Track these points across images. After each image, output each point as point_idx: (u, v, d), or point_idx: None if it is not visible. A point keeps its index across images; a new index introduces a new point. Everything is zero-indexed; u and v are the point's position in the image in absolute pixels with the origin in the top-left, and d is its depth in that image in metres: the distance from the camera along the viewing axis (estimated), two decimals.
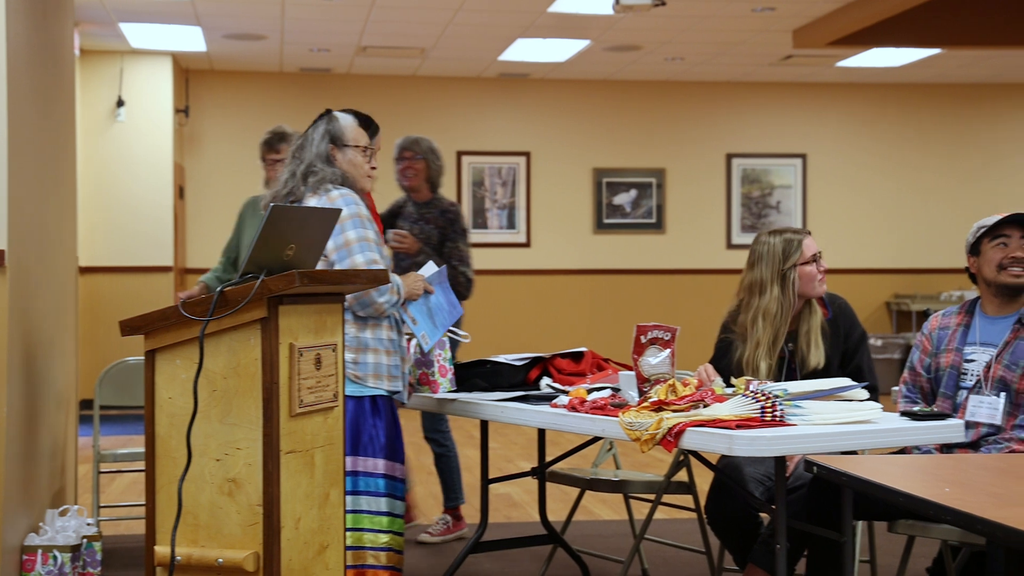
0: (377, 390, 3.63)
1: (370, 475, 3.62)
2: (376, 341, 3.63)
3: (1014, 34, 9.25)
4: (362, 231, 3.61)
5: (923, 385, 3.81)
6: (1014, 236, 3.67)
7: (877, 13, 8.31)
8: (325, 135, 3.74)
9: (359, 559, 3.59)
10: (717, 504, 3.87)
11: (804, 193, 11.78)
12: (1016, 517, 1.92)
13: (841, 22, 8.63)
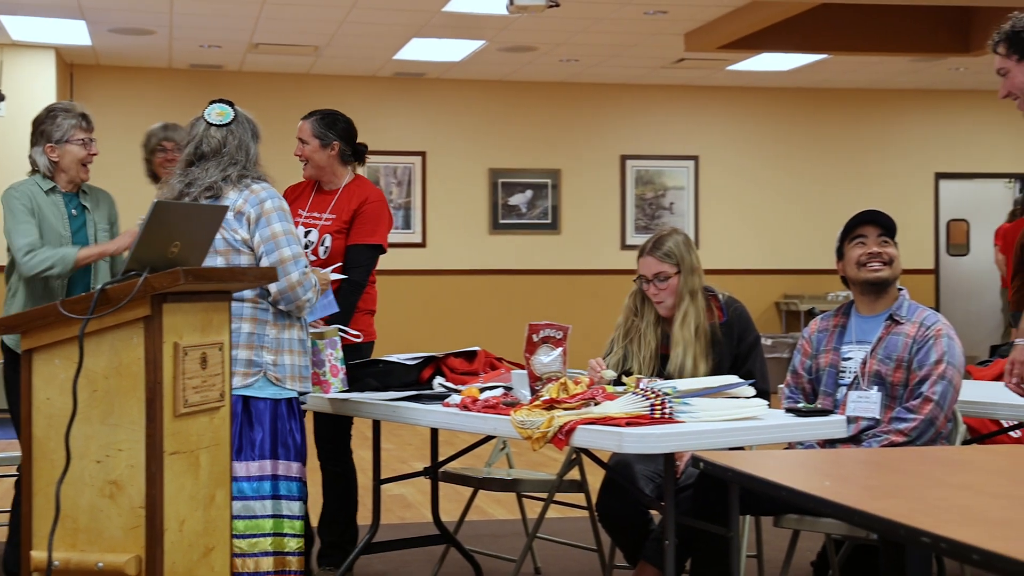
0: (293, 391, 3.60)
1: (289, 479, 3.57)
2: (291, 342, 3.60)
3: (895, 42, 9.50)
4: (288, 224, 3.58)
5: (804, 386, 3.91)
6: (871, 234, 3.82)
7: (765, 18, 8.47)
8: (254, 136, 3.71)
9: (281, 565, 3.53)
10: (608, 502, 3.90)
11: (696, 195, 11.95)
12: (890, 508, 1.97)
13: (731, 27, 8.78)
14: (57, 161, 4.14)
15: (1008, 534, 1.81)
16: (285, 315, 3.58)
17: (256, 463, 3.50)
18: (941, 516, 1.97)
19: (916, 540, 1.82)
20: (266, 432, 3.51)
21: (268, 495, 3.51)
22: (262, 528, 3.48)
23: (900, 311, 3.82)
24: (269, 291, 3.52)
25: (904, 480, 2.38)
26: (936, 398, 3.64)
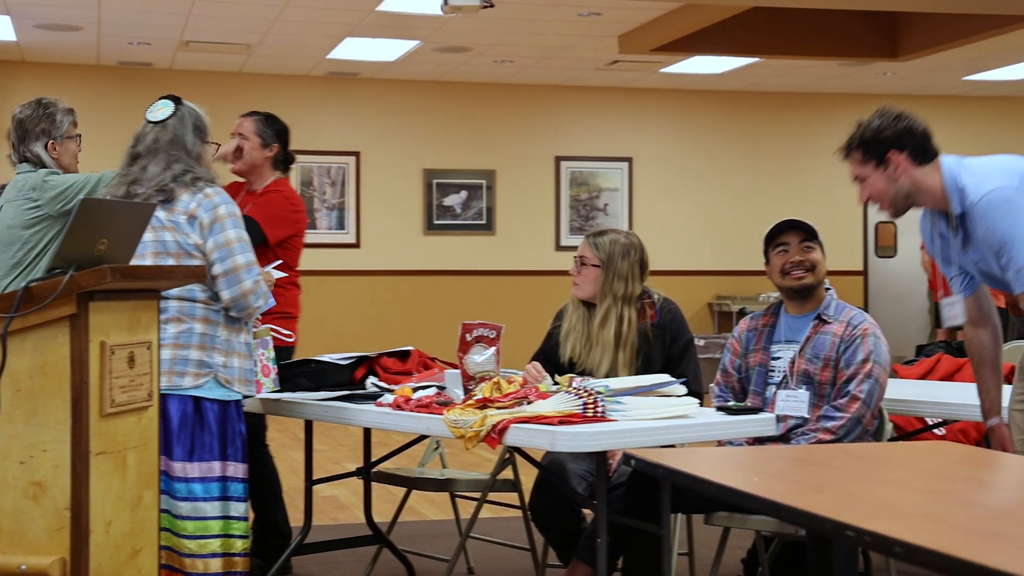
0: (240, 394, 3.57)
1: (236, 480, 3.54)
2: (240, 344, 3.57)
3: (824, 46, 9.63)
4: (241, 231, 3.53)
5: (734, 385, 3.96)
6: (793, 241, 3.87)
7: (698, 21, 8.54)
8: (196, 131, 3.63)
9: (229, 566, 3.49)
10: (541, 501, 3.91)
11: (630, 196, 12.02)
12: (816, 503, 2.00)
13: (664, 29, 8.84)
14: (57, 158, 4.17)
15: (929, 527, 1.85)
16: (235, 318, 3.55)
17: (207, 464, 3.47)
18: (866, 510, 2.01)
19: (841, 534, 1.84)
20: (215, 434, 3.48)
21: (217, 496, 3.48)
22: (211, 529, 3.46)
23: (828, 311, 3.87)
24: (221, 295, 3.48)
25: (830, 476, 2.42)
26: (863, 397, 3.70)
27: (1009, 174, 3.18)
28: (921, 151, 3.27)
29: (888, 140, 3.28)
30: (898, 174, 3.28)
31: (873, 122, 3.33)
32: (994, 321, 3.45)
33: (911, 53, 9.62)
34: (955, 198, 3.23)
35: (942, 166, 3.27)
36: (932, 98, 12.54)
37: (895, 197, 3.31)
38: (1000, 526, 1.87)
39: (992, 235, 3.14)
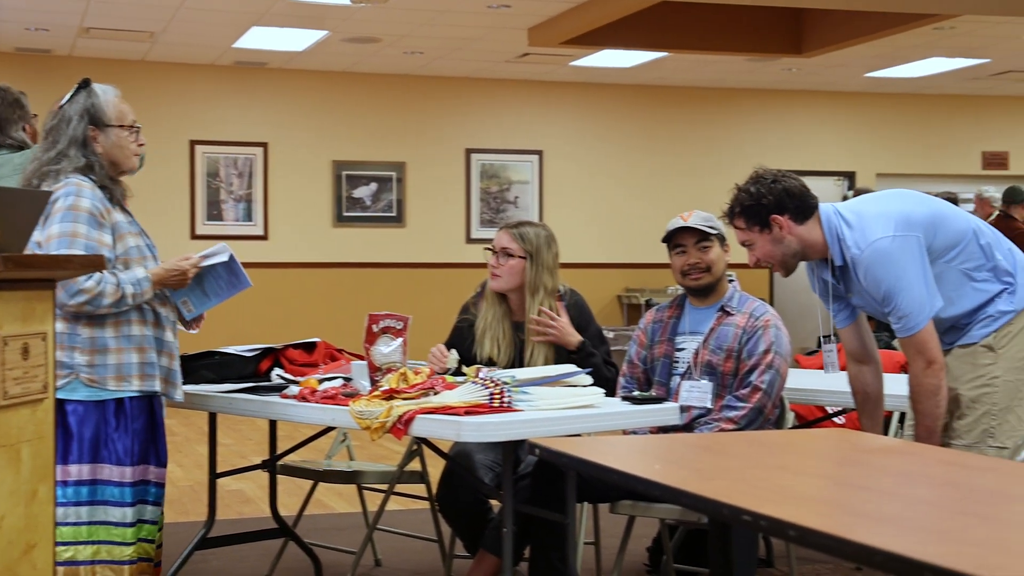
0: (123, 392, 3.40)
1: (113, 484, 3.39)
2: (119, 340, 3.39)
3: (731, 41, 9.77)
4: (70, 225, 3.32)
5: (639, 376, 4.00)
6: (689, 242, 3.93)
7: (607, 15, 8.60)
8: (84, 116, 3.44)
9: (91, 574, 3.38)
10: (448, 492, 3.91)
11: (541, 189, 12.07)
12: (715, 489, 2.02)
13: (574, 22, 8.88)
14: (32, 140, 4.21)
15: (823, 511, 1.89)
16: (104, 315, 3.37)
17: (63, 468, 3.32)
18: (762, 496, 2.04)
19: (738, 518, 1.87)
20: (76, 436, 3.35)
21: (85, 500, 3.37)
22: (64, 536, 3.32)
23: (731, 303, 3.93)
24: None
25: (730, 463, 2.45)
26: (764, 387, 3.76)
27: (886, 221, 3.27)
28: (801, 210, 3.37)
29: (769, 205, 3.36)
30: (783, 235, 3.37)
31: (751, 188, 3.41)
32: (876, 358, 3.58)
33: (815, 49, 9.79)
34: (836, 250, 3.35)
35: (822, 218, 3.37)
36: (835, 94, 12.79)
37: (784, 257, 3.41)
38: (890, 509, 1.92)
39: (875, 287, 3.27)
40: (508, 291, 3.94)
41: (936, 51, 10.57)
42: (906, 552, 1.50)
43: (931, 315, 3.26)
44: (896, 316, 3.27)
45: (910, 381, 3.33)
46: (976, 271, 3.35)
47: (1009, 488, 2.04)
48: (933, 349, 3.27)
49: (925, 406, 3.30)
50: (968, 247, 3.34)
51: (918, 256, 3.25)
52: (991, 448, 3.34)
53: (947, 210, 3.40)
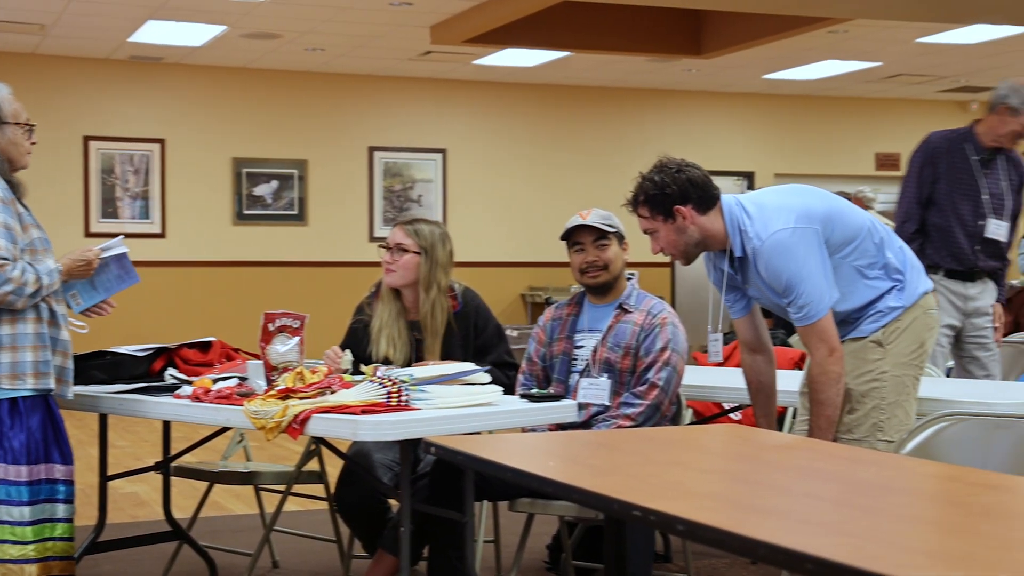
0: (17, 391, 3.35)
1: (8, 482, 3.34)
2: (15, 338, 3.35)
3: (631, 42, 9.86)
4: None
5: (538, 374, 4.01)
6: (586, 240, 3.95)
7: (510, 14, 8.62)
8: None
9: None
10: (346, 492, 3.89)
11: (444, 187, 12.05)
12: (607, 485, 2.04)
13: (476, 21, 8.88)
14: None
15: (712, 505, 1.91)
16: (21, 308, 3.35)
17: None
18: (654, 491, 2.06)
19: (629, 514, 1.88)
20: None
21: None
22: None
23: (629, 300, 3.96)
24: None
25: (625, 459, 2.47)
26: (661, 384, 3.79)
27: (787, 214, 3.33)
28: (704, 200, 3.41)
29: (673, 195, 3.40)
30: (686, 225, 3.41)
31: (655, 177, 3.43)
32: (769, 348, 3.65)
33: (714, 51, 9.93)
34: (736, 241, 3.39)
35: (723, 209, 3.42)
36: (734, 95, 12.99)
37: (686, 247, 3.46)
38: (778, 503, 1.95)
39: (775, 277, 3.33)
40: (403, 287, 3.92)
41: (830, 54, 10.79)
42: (788, 544, 1.53)
43: (830, 304, 3.33)
44: (796, 306, 3.32)
45: (812, 370, 3.38)
46: (868, 268, 3.43)
47: (892, 481, 2.09)
48: (834, 337, 3.34)
49: (828, 394, 3.34)
50: (862, 244, 3.42)
51: (817, 248, 3.31)
52: (880, 442, 3.42)
53: (844, 207, 3.47)
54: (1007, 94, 4.72)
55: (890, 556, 1.48)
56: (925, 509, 1.83)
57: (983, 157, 4.78)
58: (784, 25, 8.93)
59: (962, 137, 4.80)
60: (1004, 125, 4.72)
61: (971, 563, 1.44)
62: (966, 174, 4.75)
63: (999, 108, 4.73)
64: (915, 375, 3.51)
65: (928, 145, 4.82)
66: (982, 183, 4.76)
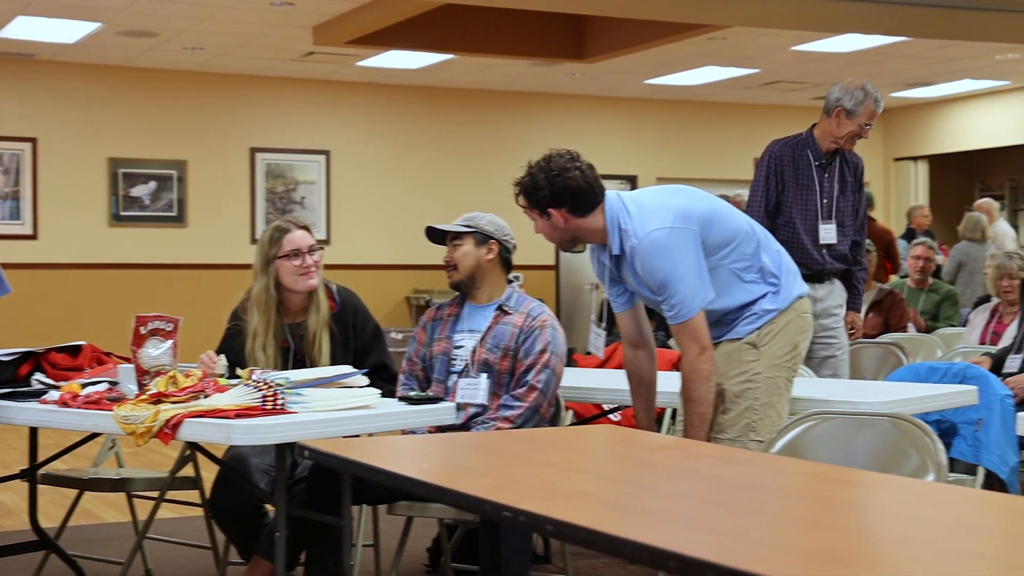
0: None
1: None
2: None
3: (515, 45, 9.90)
4: None
5: (418, 374, 4.00)
6: (447, 240, 4.01)
7: (392, 16, 8.58)
8: None
9: None
10: (221, 497, 3.82)
11: (328, 189, 11.94)
12: (479, 486, 2.04)
13: (359, 22, 8.82)
14: None
15: (582, 505, 1.92)
16: None
17: None
18: (527, 492, 2.06)
19: (499, 515, 1.89)
20: None
21: None
22: None
23: (509, 302, 3.97)
24: None
25: (499, 460, 2.47)
26: (540, 386, 3.81)
27: (665, 213, 3.39)
28: (580, 205, 3.45)
29: (546, 198, 3.45)
30: (560, 223, 3.47)
31: (536, 174, 3.47)
32: (651, 343, 3.70)
33: (596, 55, 10.03)
34: (615, 239, 3.45)
35: (606, 207, 3.46)
36: (617, 99, 13.13)
37: (561, 240, 3.54)
38: (649, 502, 1.97)
39: (651, 275, 3.39)
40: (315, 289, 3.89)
41: (710, 60, 10.98)
42: (654, 542, 1.54)
43: (703, 304, 3.40)
44: (670, 304, 3.39)
45: (684, 368, 3.44)
46: (745, 271, 3.51)
47: (758, 479, 2.13)
48: (705, 336, 3.41)
49: (699, 392, 3.41)
50: (739, 247, 3.49)
51: (693, 248, 3.38)
52: (752, 442, 3.49)
53: (724, 209, 3.54)
54: (841, 96, 4.73)
55: (750, 552, 1.51)
56: (789, 506, 1.87)
57: (822, 162, 4.81)
58: (665, 31, 9.06)
59: (803, 143, 4.82)
60: (841, 128, 4.73)
61: (828, 558, 1.47)
62: (808, 179, 4.79)
63: (835, 111, 4.74)
64: (788, 376, 3.59)
65: (772, 154, 4.83)
66: (821, 188, 4.80)
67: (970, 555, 1.47)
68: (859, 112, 4.72)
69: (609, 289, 3.60)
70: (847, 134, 4.75)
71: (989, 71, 11.90)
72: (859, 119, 4.73)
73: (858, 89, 4.75)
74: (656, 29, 9.07)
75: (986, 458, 4.03)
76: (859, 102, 4.72)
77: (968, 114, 13.54)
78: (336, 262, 11.07)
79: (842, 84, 4.80)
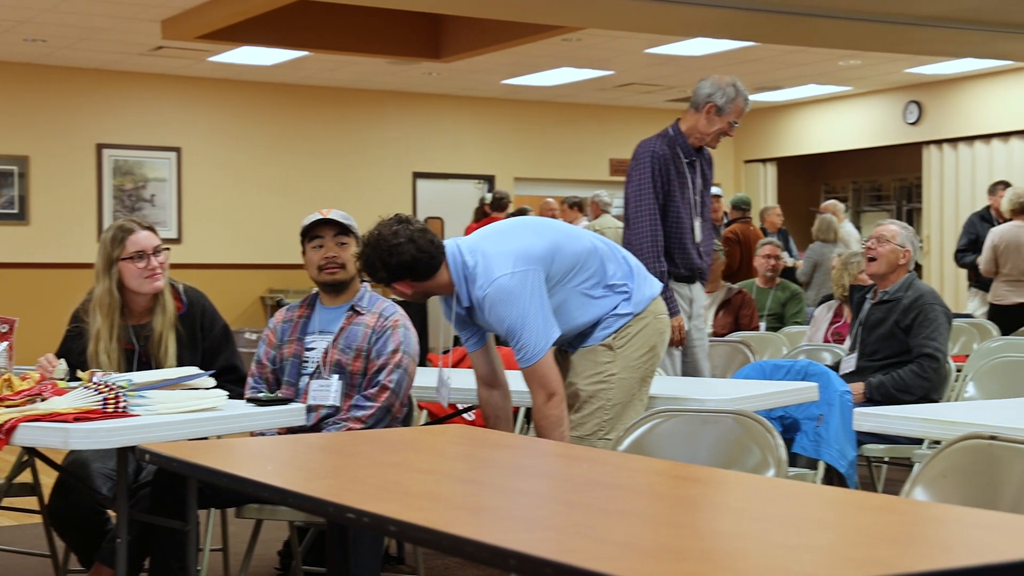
0: None
1: None
2: None
3: (371, 43, 9.83)
4: None
5: (268, 376, 3.93)
6: (328, 237, 3.91)
7: (244, 11, 8.42)
8: None
9: None
10: (61, 503, 3.70)
11: (179, 187, 11.68)
12: (323, 488, 2.01)
13: (209, 17, 8.64)
14: None
15: (426, 505, 1.91)
16: None
17: None
18: (372, 493, 2.04)
19: (343, 516, 1.86)
20: None
21: None
22: None
23: (361, 303, 3.94)
24: None
25: (348, 461, 2.45)
26: (392, 386, 3.79)
27: (505, 259, 3.45)
28: (420, 274, 3.50)
29: (385, 278, 3.52)
30: (407, 292, 3.55)
31: (369, 255, 3.51)
32: (504, 382, 3.74)
33: (453, 55, 10.03)
34: (463, 292, 3.51)
35: (449, 261, 3.51)
36: (475, 99, 13.16)
37: (414, 297, 3.61)
38: (492, 501, 1.97)
39: (499, 323, 3.46)
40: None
41: (566, 61, 11.09)
42: (494, 541, 1.54)
43: (548, 345, 3.47)
44: (518, 347, 3.46)
45: (534, 415, 3.54)
46: (593, 289, 3.59)
47: (603, 477, 2.15)
48: (553, 381, 3.47)
49: (552, 438, 3.45)
50: (584, 268, 3.58)
51: (537, 289, 3.44)
52: (601, 441, 3.53)
53: (564, 237, 3.59)
54: (713, 92, 4.64)
55: (589, 549, 1.52)
56: (629, 503, 1.89)
57: (691, 159, 4.71)
58: (520, 32, 9.12)
59: (674, 140, 4.69)
60: (711, 124, 4.63)
61: (664, 553, 1.50)
62: (683, 178, 4.70)
63: (706, 107, 4.63)
64: (643, 378, 3.65)
65: (654, 154, 4.66)
66: (693, 185, 4.73)
67: (801, 548, 1.51)
68: (729, 109, 4.64)
69: (460, 332, 3.66)
70: (715, 131, 4.66)
71: (833, 76, 12.31)
72: (729, 116, 4.65)
73: (729, 86, 4.66)
74: (512, 30, 9.11)
75: (826, 453, 4.15)
76: (730, 99, 4.64)
77: (814, 118, 13.98)
78: (188, 261, 10.85)
79: (712, 80, 4.70)
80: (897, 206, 14.54)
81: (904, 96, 13.00)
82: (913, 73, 12.06)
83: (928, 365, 4.62)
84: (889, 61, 11.25)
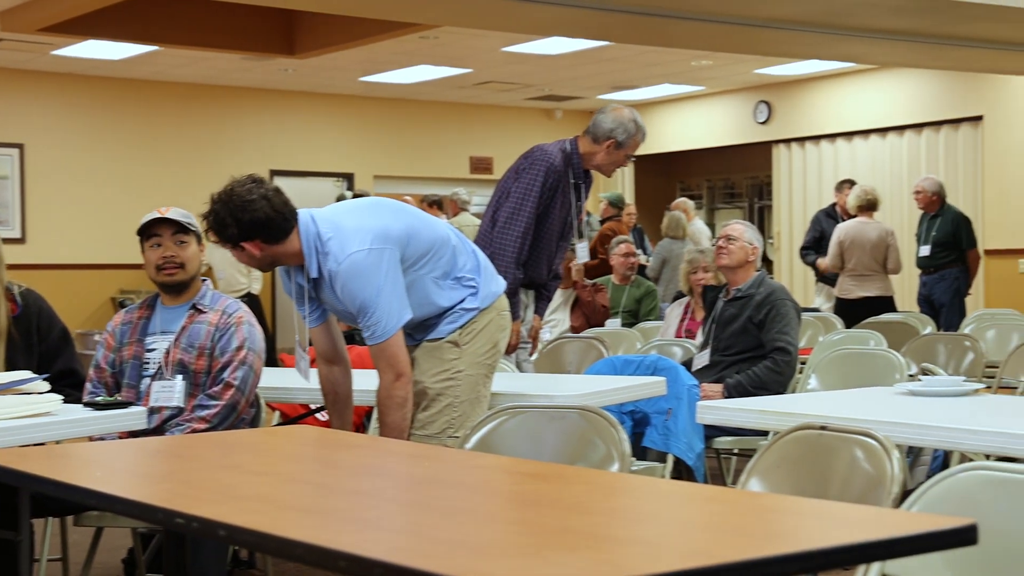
0: None
1: None
2: None
3: (223, 38, 9.64)
4: None
5: (107, 381, 3.83)
6: (166, 236, 3.83)
7: (90, 2, 8.15)
8: None
9: None
10: None
11: (23, 185, 11.28)
12: (156, 493, 1.95)
13: (51, 9, 8.35)
14: None
15: (258, 508, 1.87)
16: None
17: None
18: (204, 497, 1.99)
19: (172, 521, 1.81)
20: None
21: None
22: None
23: (203, 301, 3.85)
24: None
25: (183, 465, 2.38)
26: (237, 383, 3.72)
27: (363, 234, 3.40)
28: (272, 235, 3.41)
29: (235, 235, 3.41)
30: (255, 255, 3.44)
31: (219, 211, 3.40)
32: (346, 358, 3.70)
33: (308, 51, 9.89)
34: (312, 263, 3.43)
35: (301, 230, 3.43)
36: (332, 96, 13.02)
37: (259, 264, 3.52)
38: (328, 503, 1.93)
39: (350, 298, 3.40)
40: None
41: (423, 59, 11.06)
42: (324, 543, 1.51)
43: (400, 325, 3.43)
44: (367, 325, 3.42)
45: (379, 394, 3.48)
46: (442, 278, 3.58)
47: (445, 475, 2.13)
48: (402, 363, 3.44)
49: (393, 418, 3.44)
50: (436, 256, 3.56)
51: (392, 268, 3.41)
52: (451, 439, 3.52)
53: (420, 222, 3.58)
54: (614, 128, 4.58)
55: (420, 548, 1.50)
56: (467, 501, 1.88)
57: (579, 181, 4.67)
58: (376, 29, 9.04)
59: (569, 158, 4.63)
60: (609, 157, 4.61)
61: (493, 551, 1.49)
62: (565, 198, 4.64)
63: (606, 143, 4.59)
64: (487, 374, 3.67)
65: (551, 167, 4.56)
66: (575, 207, 4.70)
67: (627, 541, 1.52)
68: (628, 144, 4.63)
69: (303, 307, 3.57)
70: (611, 164, 4.66)
71: (686, 76, 12.55)
72: (627, 150, 4.65)
73: (630, 122, 4.62)
74: (367, 27, 9.03)
75: (675, 446, 4.22)
76: (630, 135, 4.61)
77: (668, 117, 14.23)
78: (33, 262, 10.48)
79: (612, 115, 4.63)
80: (749, 203, 14.89)
81: (754, 96, 13.33)
82: (762, 74, 12.37)
83: (781, 359, 4.73)
84: (739, 62, 11.51)
